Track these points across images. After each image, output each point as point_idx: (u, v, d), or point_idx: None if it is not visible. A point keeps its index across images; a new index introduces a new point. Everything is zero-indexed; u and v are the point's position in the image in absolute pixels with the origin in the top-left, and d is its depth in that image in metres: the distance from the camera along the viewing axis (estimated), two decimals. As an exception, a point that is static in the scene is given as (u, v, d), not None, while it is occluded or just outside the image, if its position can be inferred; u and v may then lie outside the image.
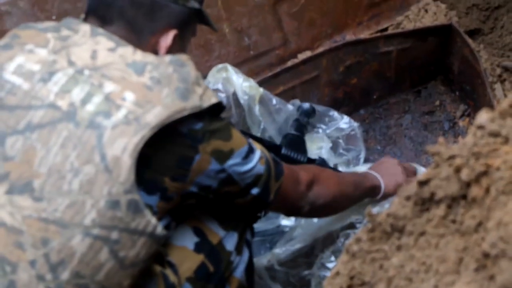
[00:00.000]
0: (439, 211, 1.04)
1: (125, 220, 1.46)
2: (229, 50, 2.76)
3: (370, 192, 2.12)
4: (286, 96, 2.63)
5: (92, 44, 1.56)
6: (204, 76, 2.49)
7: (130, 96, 1.47)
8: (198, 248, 1.74)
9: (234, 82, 2.40)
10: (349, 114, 2.80)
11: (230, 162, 1.62)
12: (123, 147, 1.43)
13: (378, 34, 2.87)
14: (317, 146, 2.54)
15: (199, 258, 1.73)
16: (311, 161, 2.40)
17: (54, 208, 1.44)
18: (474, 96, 2.76)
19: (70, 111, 1.47)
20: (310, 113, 2.53)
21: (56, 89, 1.49)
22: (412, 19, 2.95)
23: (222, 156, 1.60)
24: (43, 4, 2.49)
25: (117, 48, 1.56)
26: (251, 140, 1.73)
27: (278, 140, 2.48)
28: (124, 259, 1.48)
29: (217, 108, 1.61)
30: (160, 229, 1.52)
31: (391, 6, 3.01)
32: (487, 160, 0.98)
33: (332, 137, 2.58)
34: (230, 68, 2.43)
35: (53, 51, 1.56)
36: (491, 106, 2.38)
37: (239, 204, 1.76)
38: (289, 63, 2.79)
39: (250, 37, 2.78)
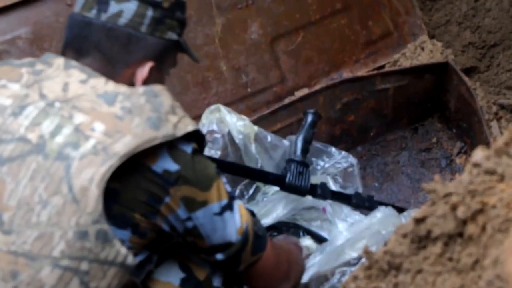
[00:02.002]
0: (435, 248, 1.04)
1: (94, 251, 1.44)
2: (227, 88, 2.77)
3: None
4: (284, 133, 2.63)
5: (64, 77, 1.56)
6: (199, 116, 2.49)
7: (99, 126, 1.46)
8: (184, 284, 1.72)
9: (228, 122, 2.40)
10: (346, 151, 2.80)
11: (199, 213, 1.59)
12: (90, 177, 1.42)
13: (375, 72, 2.89)
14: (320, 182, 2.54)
15: None
16: (313, 187, 2.39)
17: (23, 241, 1.42)
18: (470, 134, 2.77)
19: (39, 143, 1.46)
20: (316, 120, 2.52)
21: (27, 122, 1.49)
22: (408, 57, 2.97)
23: (192, 204, 1.57)
24: (41, 42, 2.51)
25: (88, 79, 1.55)
26: (237, 203, 1.68)
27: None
28: None
29: (200, 145, 1.60)
30: (130, 259, 1.49)
31: (387, 44, 3.04)
32: (483, 198, 0.98)
33: (330, 174, 2.57)
34: (222, 108, 2.43)
35: (25, 85, 1.56)
36: (487, 144, 2.39)
37: (205, 260, 1.73)
38: (286, 101, 2.80)
39: (247, 75, 2.79)
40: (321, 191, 2.38)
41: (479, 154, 1.04)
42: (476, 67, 3.19)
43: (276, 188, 2.45)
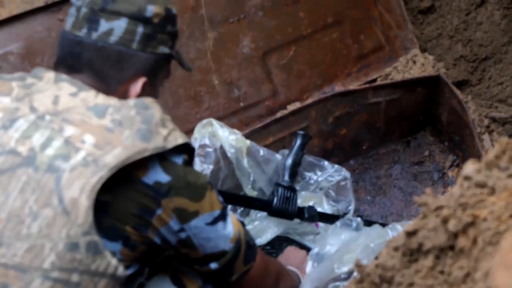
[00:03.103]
0: (427, 262, 1.04)
1: (85, 262, 1.44)
2: (219, 102, 2.77)
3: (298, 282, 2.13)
4: (276, 147, 2.63)
5: (54, 90, 1.57)
6: (191, 130, 2.49)
7: (89, 138, 1.47)
8: None
9: (220, 136, 2.41)
10: (338, 164, 2.80)
11: (192, 224, 1.59)
12: (81, 189, 1.42)
13: (367, 85, 2.89)
14: (313, 202, 2.54)
15: None
16: (300, 210, 2.40)
17: (13, 253, 1.42)
18: (463, 147, 2.78)
19: (29, 156, 1.46)
20: (306, 142, 2.53)
21: (17, 135, 1.49)
22: (400, 70, 2.98)
23: (185, 215, 1.58)
24: (33, 58, 2.51)
25: (79, 92, 1.56)
26: (230, 213, 1.70)
27: (267, 190, 2.48)
28: None
29: (189, 157, 1.60)
30: (121, 270, 1.50)
31: (379, 57, 3.05)
32: (474, 211, 0.98)
33: (323, 188, 2.57)
34: (215, 122, 2.43)
35: (16, 99, 1.56)
36: (479, 157, 2.39)
37: (198, 271, 1.74)
38: (279, 114, 2.80)
39: (239, 89, 2.80)
40: (308, 214, 2.41)
41: (470, 167, 1.04)
42: (467, 80, 3.21)
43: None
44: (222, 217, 1.65)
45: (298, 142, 2.50)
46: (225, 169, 2.44)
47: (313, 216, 2.42)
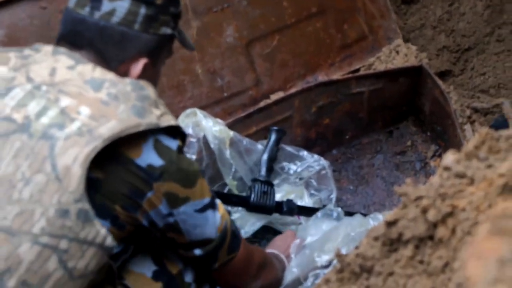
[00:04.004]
0: (407, 251, 1.05)
1: (74, 230, 1.45)
2: (202, 91, 2.77)
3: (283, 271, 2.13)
4: (259, 136, 2.63)
5: (52, 62, 1.58)
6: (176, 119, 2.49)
7: (85, 110, 1.48)
8: (156, 277, 1.73)
9: (203, 126, 2.41)
10: (321, 154, 2.81)
11: (181, 209, 1.61)
12: (74, 157, 1.43)
13: (350, 75, 2.89)
14: (294, 195, 2.54)
15: (158, 286, 1.72)
16: (279, 204, 2.42)
17: (3, 216, 1.43)
18: (445, 137, 2.79)
19: (24, 123, 1.47)
20: (281, 137, 2.55)
21: (13, 103, 1.51)
22: (383, 61, 2.99)
23: (175, 200, 1.59)
24: (16, 45, 2.46)
25: (76, 66, 1.57)
26: (218, 202, 1.71)
27: (248, 181, 2.49)
28: (73, 269, 1.47)
29: (181, 141, 1.61)
30: (109, 241, 1.51)
31: (362, 47, 3.05)
32: (453, 201, 0.99)
33: (303, 178, 2.58)
34: (199, 112, 2.44)
35: (13, 69, 1.57)
36: (461, 147, 2.40)
37: (182, 256, 1.75)
38: (262, 104, 2.80)
39: (223, 78, 2.80)
40: (287, 208, 2.43)
41: (449, 157, 1.05)
42: (450, 70, 3.22)
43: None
44: (211, 205, 1.67)
45: (273, 137, 2.52)
46: (207, 159, 2.45)
47: (292, 209, 2.44)
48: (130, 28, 1.64)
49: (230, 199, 2.41)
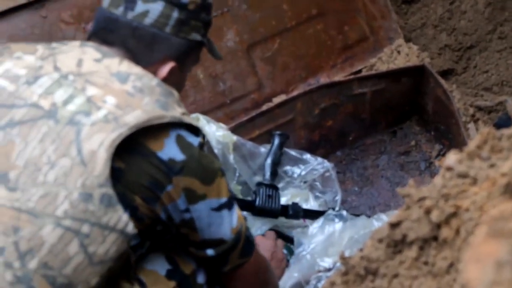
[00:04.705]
0: (411, 253, 1.04)
1: (97, 214, 1.46)
2: (204, 96, 2.77)
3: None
4: (262, 140, 2.63)
5: (79, 53, 1.60)
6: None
7: (111, 99, 1.50)
8: (170, 275, 1.72)
9: (207, 132, 2.41)
10: (325, 156, 2.81)
11: (198, 206, 1.60)
12: (100, 142, 1.45)
13: (352, 76, 2.89)
14: (299, 198, 2.54)
15: (171, 284, 1.71)
16: (284, 207, 2.41)
17: (28, 198, 1.44)
18: (449, 136, 2.78)
19: (51, 110, 1.49)
20: (284, 141, 2.56)
21: (40, 91, 1.52)
22: (385, 61, 2.99)
23: (193, 196, 1.59)
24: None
25: (103, 59, 1.59)
26: (235, 205, 1.70)
27: (252, 185, 2.49)
28: (93, 254, 1.47)
29: (203, 139, 1.61)
30: (131, 227, 1.51)
31: (364, 48, 3.05)
32: (456, 202, 0.99)
33: (308, 181, 2.58)
34: (202, 117, 2.44)
35: (40, 58, 1.59)
36: (465, 146, 2.40)
37: (193, 255, 1.74)
38: (264, 107, 2.80)
39: (224, 82, 2.79)
40: (293, 211, 2.42)
41: (451, 158, 1.05)
42: (453, 69, 3.21)
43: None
44: (228, 205, 1.66)
45: (276, 141, 2.53)
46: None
47: (297, 213, 2.43)
48: (162, 30, 1.65)
49: (238, 203, 2.40)
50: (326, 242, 2.17)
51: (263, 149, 2.52)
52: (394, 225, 1.07)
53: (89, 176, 1.45)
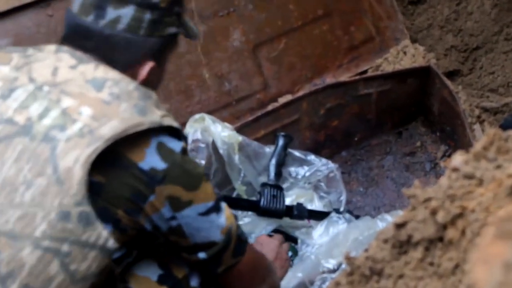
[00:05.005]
0: (416, 253, 1.04)
1: (76, 232, 1.44)
2: (210, 95, 2.77)
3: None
4: (267, 140, 2.63)
5: (54, 61, 1.57)
6: (183, 124, 2.49)
7: (86, 110, 1.47)
8: (161, 280, 1.72)
9: (212, 132, 2.41)
10: (330, 156, 2.81)
11: (185, 213, 1.59)
12: (75, 159, 1.42)
13: (358, 77, 2.89)
14: (304, 199, 2.54)
15: None
16: (289, 208, 2.41)
17: (5, 220, 1.43)
18: (454, 137, 2.78)
19: (26, 125, 1.47)
20: (288, 142, 2.56)
21: (15, 105, 1.50)
22: (391, 62, 2.98)
23: (177, 204, 1.57)
24: None
25: (78, 65, 1.56)
26: (224, 205, 1.69)
27: (257, 185, 2.49)
28: (75, 272, 1.46)
29: (185, 143, 1.59)
30: (111, 243, 1.49)
31: (370, 48, 3.04)
32: (462, 202, 0.98)
33: (312, 182, 2.58)
34: (207, 117, 2.44)
35: (15, 68, 1.57)
36: (471, 147, 2.39)
37: (185, 259, 1.73)
38: (270, 107, 2.80)
39: (230, 82, 2.79)
40: (298, 212, 2.42)
41: (457, 158, 1.05)
42: (459, 70, 3.21)
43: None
44: (215, 208, 1.64)
45: (281, 142, 2.53)
46: (215, 164, 2.45)
47: (302, 213, 2.43)
48: (136, 34, 1.62)
49: (240, 204, 2.41)
50: (330, 243, 2.17)
51: (268, 149, 2.52)
52: (399, 226, 1.07)
53: (65, 195, 1.43)
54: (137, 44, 1.63)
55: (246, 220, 2.46)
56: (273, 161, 2.49)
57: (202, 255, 1.68)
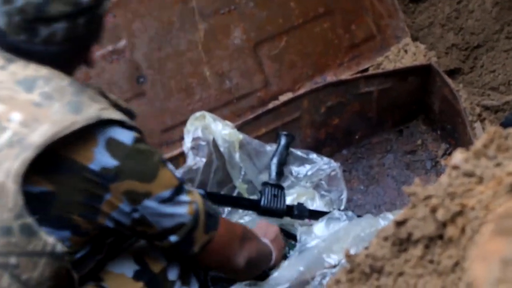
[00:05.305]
0: (416, 251, 1.05)
1: (20, 244, 1.43)
2: (211, 93, 2.77)
3: (270, 260, 2.08)
4: (268, 137, 2.63)
5: None
6: (183, 122, 2.49)
7: (16, 116, 1.44)
8: (137, 276, 1.71)
9: (213, 130, 2.41)
10: (331, 154, 2.81)
11: (145, 203, 1.57)
12: (7, 173, 1.40)
13: (359, 75, 2.89)
14: (305, 198, 2.54)
15: (138, 286, 1.70)
16: (290, 208, 2.41)
17: None
18: (455, 135, 2.78)
19: None
20: (290, 142, 2.56)
21: None
22: (392, 60, 2.98)
23: (136, 197, 1.55)
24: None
25: (8, 65, 1.50)
26: (186, 186, 1.66)
27: (258, 184, 2.49)
28: (28, 281, 1.46)
29: (138, 132, 1.55)
30: (59, 247, 1.48)
31: (371, 47, 3.04)
32: (462, 200, 0.99)
33: (313, 181, 2.58)
34: (208, 115, 2.44)
35: None
36: (471, 145, 2.39)
37: (158, 247, 1.71)
38: (271, 105, 2.80)
39: (231, 80, 2.79)
40: (298, 212, 2.42)
41: (458, 156, 1.05)
42: (459, 68, 3.21)
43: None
44: (178, 192, 1.63)
45: (282, 142, 2.53)
46: (216, 162, 2.45)
47: (303, 213, 2.43)
48: (74, 38, 1.53)
49: (241, 203, 2.41)
50: (331, 237, 2.17)
51: (269, 147, 2.52)
52: (399, 223, 1.07)
53: (3, 210, 1.41)
54: (77, 45, 1.57)
55: (247, 219, 2.46)
56: (275, 160, 2.49)
57: (173, 238, 1.66)
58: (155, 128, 2.67)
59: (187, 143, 2.44)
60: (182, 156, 2.54)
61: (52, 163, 1.45)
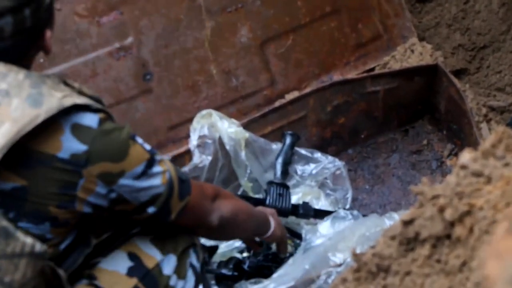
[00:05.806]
0: (424, 250, 1.04)
1: None
2: (217, 91, 2.77)
3: (263, 224, 2.07)
4: (274, 136, 2.63)
5: None
6: (190, 119, 2.49)
7: None
8: (131, 273, 1.70)
9: (219, 128, 2.41)
10: (337, 153, 2.81)
11: (120, 182, 1.56)
12: None
13: (365, 74, 2.89)
14: (311, 197, 2.54)
15: (132, 282, 1.69)
16: (295, 207, 2.41)
17: None
18: (461, 135, 2.78)
19: None
20: (295, 141, 2.56)
21: None
22: (398, 59, 2.98)
23: (110, 178, 1.54)
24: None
25: None
26: (157, 157, 1.64)
27: (263, 182, 2.49)
28: (11, 283, 1.46)
29: (103, 113, 1.54)
30: (39, 247, 1.48)
31: (377, 46, 3.04)
32: (470, 200, 0.99)
33: (318, 180, 2.58)
34: (214, 113, 2.44)
35: None
36: (477, 145, 2.39)
37: (137, 220, 1.71)
38: (277, 104, 2.80)
39: (237, 78, 2.79)
40: (303, 211, 2.42)
41: (466, 156, 1.05)
42: (466, 69, 3.20)
43: None
44: (149, 165, 1.61)
45: (288, 141, 2.53)
46: (222, 159, 2.45)
47: (308, 212, 2.43)
48: (23, 31, 1.52)
49: (247, 201, 2.41)
50: (336, 236, 2.17)
51: (274, 146, 2.52)
52: (407, 223, 1.07)
53: None
54: (28, 38, 1.55)
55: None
56: (280, 160, 2.50)
57: (151, 209, 1.66)
58: (161, 125, 2.68)
59: (193, 141, 2.44)
60: (188, 154, 2.54)
61: (21, 158, 1.44)
